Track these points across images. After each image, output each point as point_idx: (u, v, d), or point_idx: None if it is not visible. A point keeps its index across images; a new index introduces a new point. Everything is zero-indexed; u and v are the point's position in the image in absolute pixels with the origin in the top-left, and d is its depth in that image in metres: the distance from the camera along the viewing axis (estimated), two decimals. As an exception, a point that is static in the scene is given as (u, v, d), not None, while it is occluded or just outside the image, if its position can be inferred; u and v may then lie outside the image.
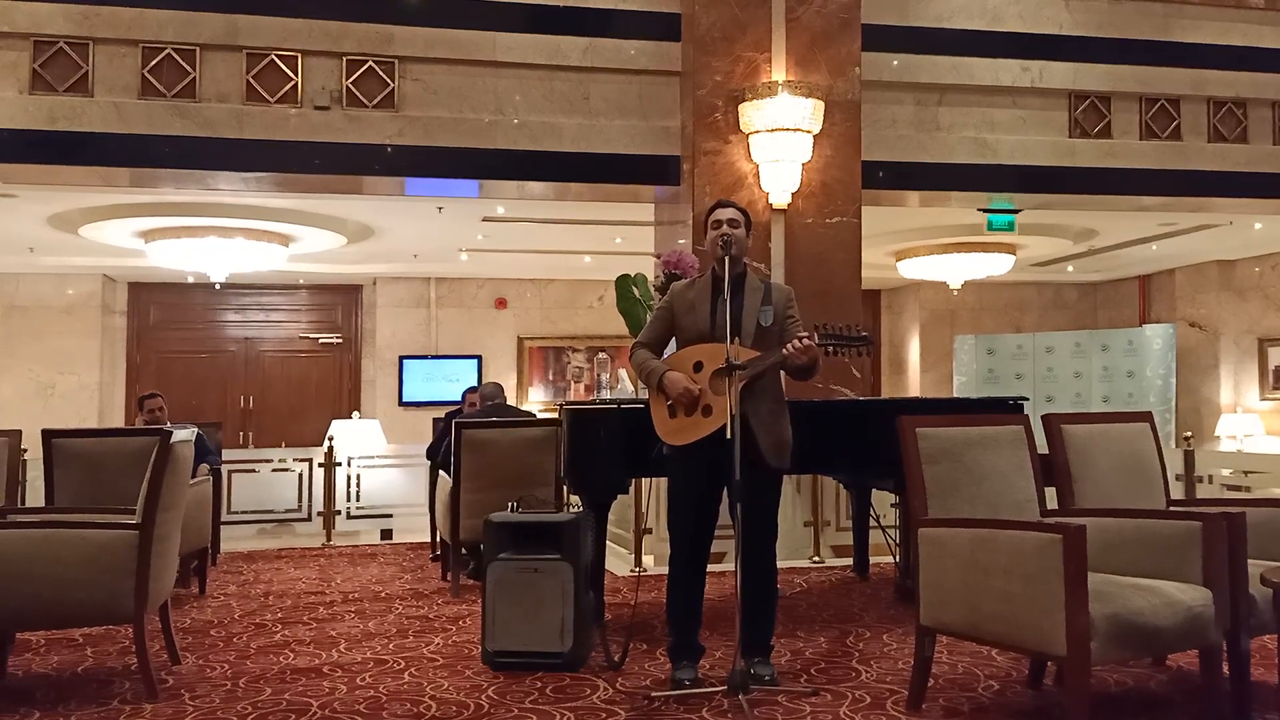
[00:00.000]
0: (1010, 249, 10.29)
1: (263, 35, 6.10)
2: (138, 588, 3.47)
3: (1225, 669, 3.15)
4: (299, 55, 6.15)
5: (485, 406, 6.36)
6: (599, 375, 12.31)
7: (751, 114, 6.19)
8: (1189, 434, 6.90)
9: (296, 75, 6.13)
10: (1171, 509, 3.80)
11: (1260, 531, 3.40)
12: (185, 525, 4.14)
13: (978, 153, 7.02)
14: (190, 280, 11.06)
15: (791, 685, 3.53)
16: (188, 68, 6.01)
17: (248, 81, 6.08)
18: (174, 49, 6.00)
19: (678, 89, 6.57)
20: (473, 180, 6.57)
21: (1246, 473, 6.37)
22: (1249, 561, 3.17)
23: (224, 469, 6.94)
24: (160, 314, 11.98)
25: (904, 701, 3.33)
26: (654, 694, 3.43)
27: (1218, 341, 11.36)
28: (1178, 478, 6.00)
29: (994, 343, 11.79)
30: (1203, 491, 6.07)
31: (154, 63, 5.98)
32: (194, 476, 4.91)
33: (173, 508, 3.73)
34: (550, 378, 12.38)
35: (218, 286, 10.94)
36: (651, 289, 5.14)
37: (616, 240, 9.41)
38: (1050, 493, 3.66)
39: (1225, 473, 6.23)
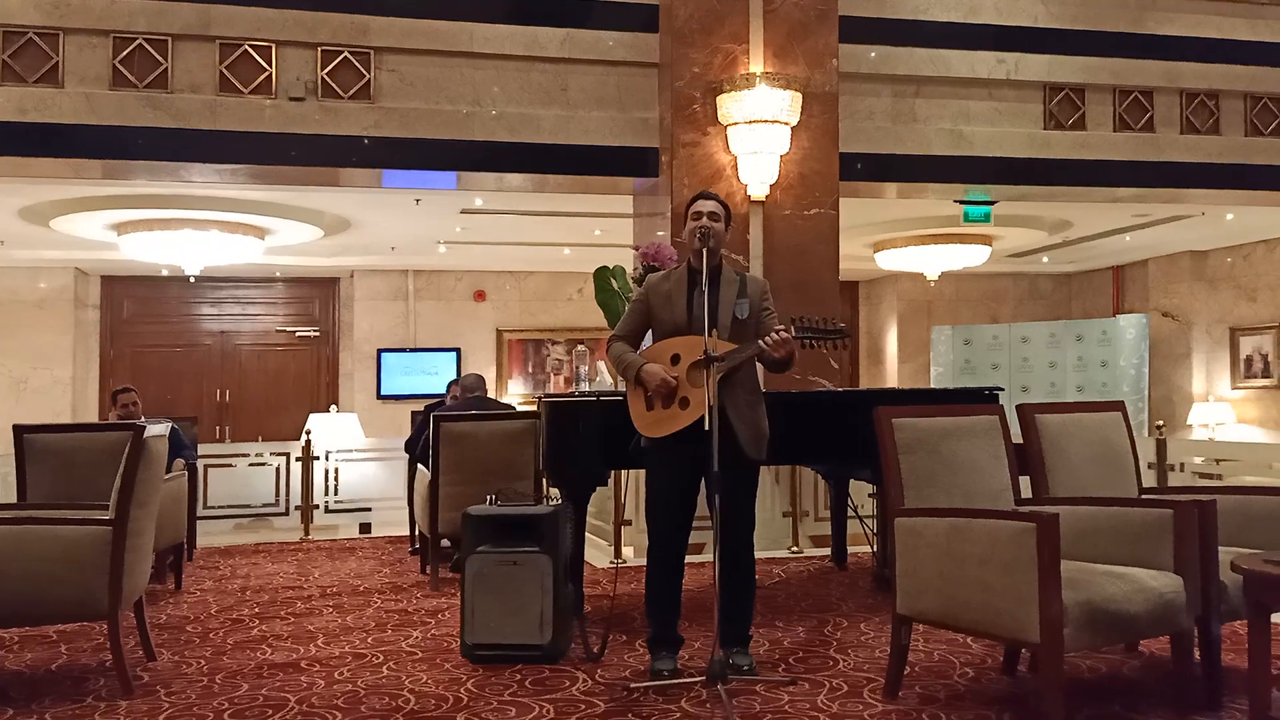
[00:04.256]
0: (986, 240, 10.36)
1: (236, 25, 6.03)
2: (112, 584, 3.45)
3: (1196, 655, 3.19)
4: (273, 45, 6.09)
5: (465, 399, 6.35)
6: (578, 368, 12.31)
7: (730, 106, 6.19)
8: (1161, 423, 6.98)
9: (271, 66, 6.08)
10: (1144, 497, 3.84)
11: (1231, 519, 3.45)
12: (160, 521, 4.11)
13: (954, 145, 7.06)
14: (164, 273, 10.95)
15: (770, 675, 3.55)
16: (160, 58, 5.95)
17: (221, 72, 6.02)
18: (145, 39, 5.93)
19: (656, 81, 6.56)
20: (450, 172, 6.54)
21: (1218, 461, 6.45)
22: (1220, 548, 3.22)
23: (200, 463, 6.89)
24: (134, 307, 11.87)
25: (881, 689, 3.35)
26: (633, 685, 3.44)
27: (1190, 331, 11.49)
28: (1150, 466, 6.07)
29: (970, 333, 11.87)
30: (1175, 479, 6.14)
31: (125, 53, 5.91)
32: (169, 471, 4.87)
33: (147, 503, 3.70)
34: (530, 370, 12.36)
35: (192, 280, 10.83)
36: (630, 281, 5.13)
37: (595, 232, 9.40)
38: (1025, 481, 3.69)
39: (1197, 461, 6.30)
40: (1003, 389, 4.92)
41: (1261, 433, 10.82)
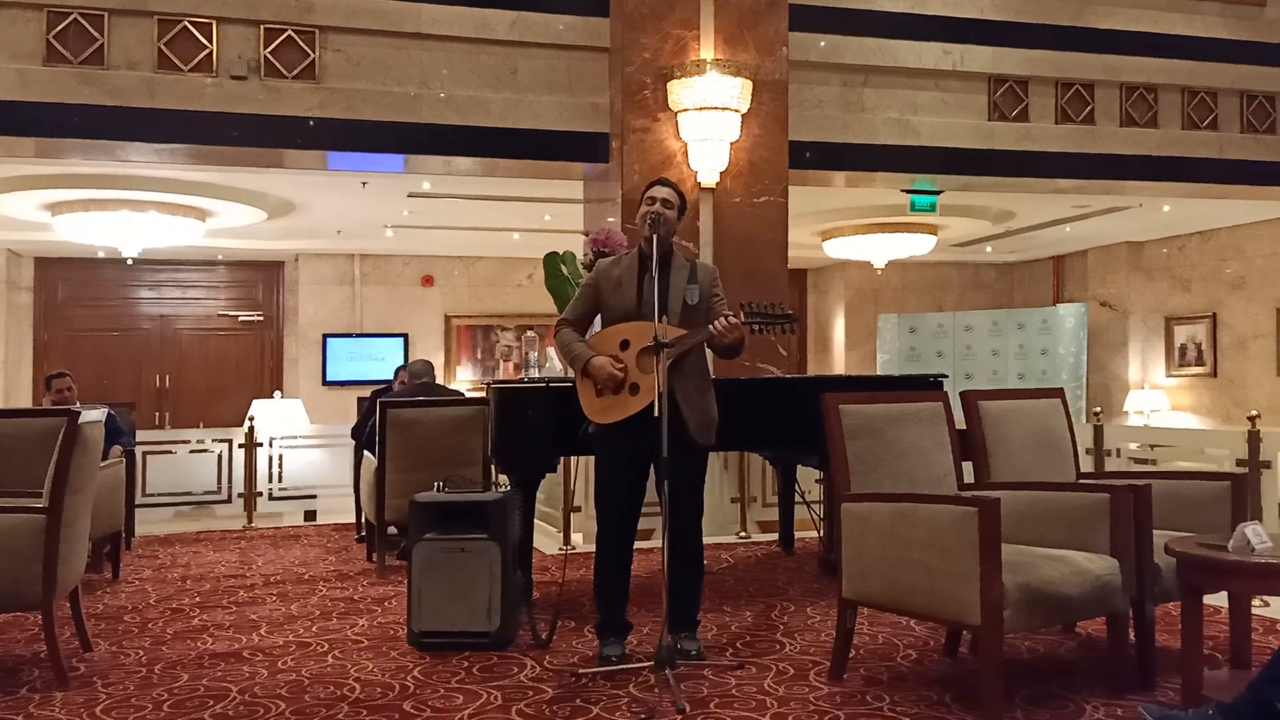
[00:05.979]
0: (932, 229, 10.50)
1: (175, 1, 5.87)
2: (45, 573, 3.36)
3: (1131, 635, 3.28)
4: (214, 22, 5.94)
5: (413, 385, 6.29)
6: (528, 354, 12.20)
7: (680, 92, 6.18)
8: (1099, 409, 7.13)
9: (211, 43, 5.93)
10: (1081, 482, 3.93)
11: (1165, 503, 3.54)
12: (96, 508, 4.02)
13: (901, 134, 7.13)
14: (101, 255, 10.65)
15: (717, 659, 3.57)
16: (95, 34, 5.77)
17: (159, 49, 5.86)
18: (80, 13, 5.75)
19: (606, 65, 6.53)
20: (398, 155, 6.45)
21: (1153, 446, 6.60)
22: (1154, 532, 3.30)
23: (138, 450, 6.74)
24: (69, 290, 11.53)
25: (826, 672, 3.39)
26: (581, 671, 3.44)
27: (1127, 320, 11.77)
28: (1088, 451, 6.19)
29: (916, 321, 12.04)
30: (1111, 465, 6.27)
31: (60, 28, 5.73)
32: (105, 458, 4.75)
33: (82, 490, 3.62)
34: (479, 356, 12.26)
35: (130, 262, 10.55)
36: (580, 267, 5.11)
37: (545, 217, 9.34)
38: (968, 467, 3.76)
39: (1133, 446, 6.44)
40: (947, 376, 5.00)
41: (1194, 419, 11.14)
